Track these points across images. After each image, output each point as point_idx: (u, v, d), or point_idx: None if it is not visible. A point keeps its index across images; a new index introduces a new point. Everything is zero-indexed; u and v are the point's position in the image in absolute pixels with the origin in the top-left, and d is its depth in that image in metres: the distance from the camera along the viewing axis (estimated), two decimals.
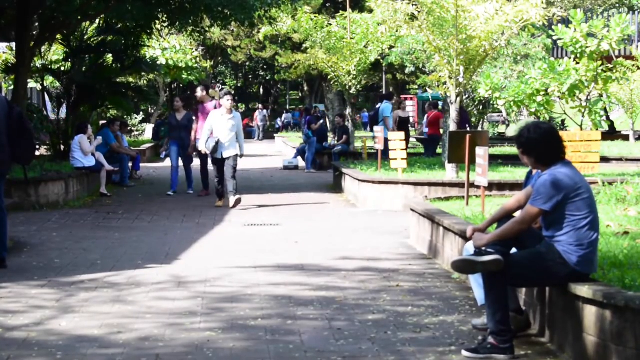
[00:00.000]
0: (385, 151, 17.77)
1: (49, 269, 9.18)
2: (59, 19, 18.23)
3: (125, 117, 30.18)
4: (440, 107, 25.51)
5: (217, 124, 14.81)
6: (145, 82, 39.92)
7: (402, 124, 23.57)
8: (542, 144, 5.97)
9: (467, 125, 23.82)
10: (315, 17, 25.29)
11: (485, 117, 25.46)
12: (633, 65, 19.95)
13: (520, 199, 6.23)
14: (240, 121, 15.06)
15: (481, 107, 25.57)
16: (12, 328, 6.72)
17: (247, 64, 66.91)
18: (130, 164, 19.96)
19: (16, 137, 9.23)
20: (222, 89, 63.66)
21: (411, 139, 25.89)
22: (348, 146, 24.83)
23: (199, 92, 17.56)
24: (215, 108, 16.25)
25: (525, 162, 6.19)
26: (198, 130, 16.76)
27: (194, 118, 17.42)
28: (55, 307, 7.44)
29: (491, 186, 13.04)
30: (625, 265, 6.44)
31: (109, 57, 21.27)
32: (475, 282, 6.59)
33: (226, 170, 14.69)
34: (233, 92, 15.18)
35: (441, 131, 22.72)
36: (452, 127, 14.48)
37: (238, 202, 14.63)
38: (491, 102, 22.35)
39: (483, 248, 6.01)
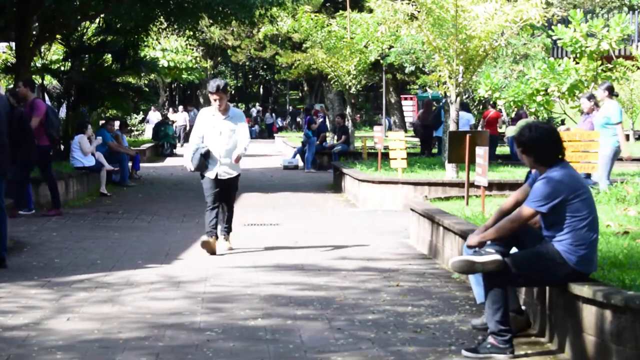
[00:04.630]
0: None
1: (49, 269, 9.18)
2: (58, 19, 18.24)
3: (125, 117, 30.21)
4: (435, 106, 25.41)
5: (208, 128, 10.29)
6: (145, 82, 39.94)
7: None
8: (543, 143, 5.96)
9: None
10: (315, 16, 25.30)
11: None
12: (633, 65, 19.94)
13: (518, 197, 6.22)
14: (243, 122, 10.40)
15: (481, 107, 25.56)
16: (12, 328, 6.72)
17: (247, 64, 66.89)
18: (130, 164, 19.96)
19: (17, 137, 9.23)
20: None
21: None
22: (348, 146, 24.83)
23: (21, 88, 13.64)
24: (32, 107, 13.08)
25: (524, 161, 6.18)
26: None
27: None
28: (55, 306, 7.44)
29: (491, 186, 13.05)
30: (625, 265, 6.44)
31: (109, 57, 21.29)
32: (475, 280, 6.59)
33: (225, 199, 10.43)
34: (223, 84, 10.16)
35: (499, 131, 22.32)
36: (452, 127, 14.49)
37: (229, 248, 10.45)
38: (491, 102, 22.34)
39: (481, 249, 6.01)
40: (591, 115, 13.37)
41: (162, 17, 19.64)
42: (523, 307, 6.68)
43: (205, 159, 10.13)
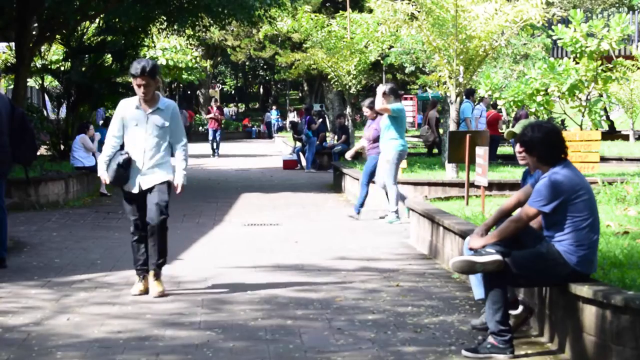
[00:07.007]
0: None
1: (49, 269, 9.18)
2: (58, 19, 18.24)
3: None
4: (440, 106, 25.41)
5: (130, 126, 7.85)
6: None
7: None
8: (546, 143, 5.95)
9: None
10: (315, 16, 25.30)
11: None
12: (633, 65, 19.98)
13: (520, 198, 6.22)
14: (178, 118, 7.92)
15: None
16: (12, 328, 6.72)
17: (247, 63, 66.95)
18: None
19: (18, 137, 9.23)
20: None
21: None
22: (348, 146, 24.83)
23: None
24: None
25: (523, 161, 6.16)
26: None
27: None
28: (55, 307, 7.44)
29: (491, 186, 13.05)
30: (625, 265, 6.44)
31: (109, 57, 21.29)
32: (474, 278, 6.58)
33: (148, 213, 7.82)
34: (151, 65, 7.68)
35: (500, 131, 22.23)
36: (452, 127, 14.49)
37: (160, 293, 7.82)
38: (491, 102, 22.34)
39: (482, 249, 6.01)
40: (374, 120, 13.55)
41: (162, 17, 19.64)
42: (520, 297, 6.66)
43: (124, 170, 7.76)
